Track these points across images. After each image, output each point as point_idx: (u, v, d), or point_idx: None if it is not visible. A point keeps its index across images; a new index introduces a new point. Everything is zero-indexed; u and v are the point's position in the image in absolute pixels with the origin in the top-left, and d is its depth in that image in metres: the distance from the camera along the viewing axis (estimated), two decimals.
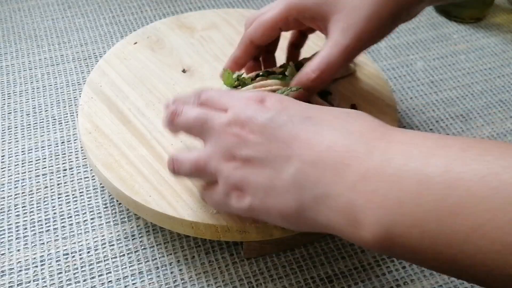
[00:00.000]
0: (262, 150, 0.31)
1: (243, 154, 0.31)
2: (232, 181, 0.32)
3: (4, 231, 0.44)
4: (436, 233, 0.23)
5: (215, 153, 0.33)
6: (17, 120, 0.54)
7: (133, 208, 0.41)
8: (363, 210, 0.26)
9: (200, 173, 0.34)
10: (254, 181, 0.31)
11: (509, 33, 0.67)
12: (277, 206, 0.30)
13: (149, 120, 0.45)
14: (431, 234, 0.24)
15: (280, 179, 0.30)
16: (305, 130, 0.30)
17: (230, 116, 0.33)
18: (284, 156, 0.30)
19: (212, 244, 0.43)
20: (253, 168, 0.31)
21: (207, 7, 0.70)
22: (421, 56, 0.63)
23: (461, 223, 0.23)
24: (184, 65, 0.51)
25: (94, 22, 0.67)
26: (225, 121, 0.33)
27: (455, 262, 0.23)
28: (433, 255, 0.24)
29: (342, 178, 0.27)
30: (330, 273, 0.42)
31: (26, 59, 0.61)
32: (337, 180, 0.27)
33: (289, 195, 0.29)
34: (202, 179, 0.37)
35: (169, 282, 0.41)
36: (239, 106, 0.33)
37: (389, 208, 0.25)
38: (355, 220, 0.26)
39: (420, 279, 0.41)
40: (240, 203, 0.32)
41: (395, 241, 0.25)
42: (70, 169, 0.49)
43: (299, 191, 0.29)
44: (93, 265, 0.42)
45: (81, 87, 0.57)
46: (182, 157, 0.35)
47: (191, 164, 0.34)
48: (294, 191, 0.29)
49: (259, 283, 0.41)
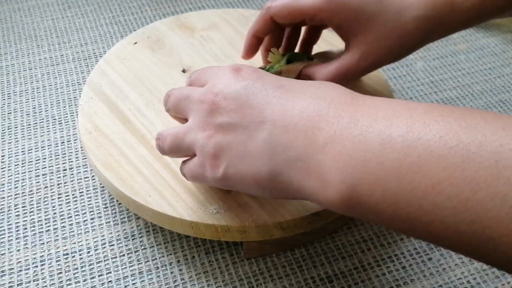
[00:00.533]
0: (235, 117, 0.31)
1: (216, 121, 0.32)
2: (206, 149, 0.32)
3: (4, 231, 0.44)
4: (396, 191, 0.24)
5: (193, 125, 0.34)
6: (17, 120, 0.54)
7: (133, 208, 0.41)
8: (330, 170, 0.26)
9: (179, 146, 0.35)
10: (227, 148, 0.31)
11: (509, 33, 0.67)
12: (251, 172, 0.31)
13: (149, 120, 0.45)
14: (392, 192, 0.24)
15: (253, 145, 0.30)
16: (278, 97, 0.30)
17: (207, 87, 0.33)
18: (257, 121, 0.30)
19: (212, 244, 0.43)
20: (227, 135, 0.31)
21: (207, 7, 0.70)
22: (421, 56, 0.63)
23: (420, 181, 0.23)
24: (184, 65, 0.51)
25: (94, 22, 0.67)
26: (202, 92, 0.33)
27: (414, 219, 0.24)
28: (394, 214, 0.25)
29: (313, 141, 0.28)
30: (330, 273, 0.42)
31: (26, 59, 0.61)
32: (308, 143, 0.28)
33: (262, 160, 0.30)
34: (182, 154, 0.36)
35: (169, 282, 0.41)
36: (216, 77, 0.34)
37: (354, 167, 0.26)
38: (323, 181, 0.27)
39: (420, 279, 0.41)
40: (214, 173, 0.32)
41: (359, 200, 0.26)
42: (70, 169, 0.49)
43: (272, 155, 0.29)
44: (93, 265, 0.42)
45: (81, 87, 0.57)
46: (165, 132, 0.36)
47: (172, 137, 0.35)
48: (267, 156, 0.30)
49: (259, 283, 0.41)
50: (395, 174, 0.24)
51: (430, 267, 0.42)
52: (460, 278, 0.42)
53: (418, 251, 0.43)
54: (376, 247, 0.44)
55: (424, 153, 0.24)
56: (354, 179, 0.26)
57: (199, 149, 0.33)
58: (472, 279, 0.42)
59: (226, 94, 0.32)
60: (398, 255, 0.43)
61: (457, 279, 0.42)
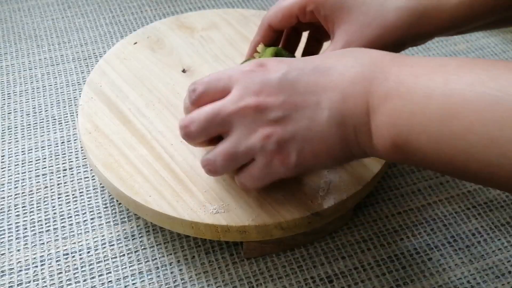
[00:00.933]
0: (287, 107, 0.32)
1: (270, 118, 0.32)
2: (268, 148, 0.32)
3: (4, 231, 0.44)
4: (439, 136, 0.27)
5: (241, 134, 0.33)
6: (17, 120, 0.54)
7: (133, 208, 0.41)
8: (386, 126, 0.30)
9: (234, 160, 0.34)
10: (291, 138, 0.32)
11: (509, 33, 0.67)
12: (325, 149, 0.32)
13: (149, 120, 0.45)
14: (435, 138, 0.28)
15: (318, 125, 0.32)
16: (321, 75, 0.32)
17: (239, 92, 0.33)
18: (313, 104, 0.32)
19: (212, 244, 0.43)
20: (286, 127, 0.32)
21: (207, 7, 0.70)
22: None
23: (456, 124, 0.27)
24: (184, 65, 0.51)
25: (94, 22, 0.67)
26: (236, 99, 0.32)
27: (454, 159, 0.27)
28: (437, 156, 0.28)
29: (369, 104, 0.31)
30: (330, 273, 0.42)
31: (26, 59, 0.61)
32: (366, 107, 0.31)
33: (332, 135, 0.32)
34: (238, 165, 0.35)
35: (169, 282, 0.41)
36: (243, 79, 0.33)
37: (404, 120, 0.29)
38: (381, 137, 0.30)
39: (420, 279, 0.41)
40: (286, 164, 0.33)
41: (409, 148, 0.29)
42: (70, 169, 0.49)
43: (341, 128, 0.32)
44: (93, 265, 0.42)
45: (81, 87, 0.57)
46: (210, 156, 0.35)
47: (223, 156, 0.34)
48: (335, 130, 0.32)
49: (259, 283, 0.41)
50: (437, 121, 0.27)
51: (430, 267, 0.42)
52: (460, 278, 0.42)
53: (418, 251, 0.43)
54: (376, 247, 0.44)
55: (458, 100, 0.27)
56: (405, 130, 0.29)
57: (259, 152, 0.33)
58: (472, 279, 0.42)
59: (268, 91, 0.32)
60: (398, 255, 0.43)
61: (457, 279, 0.42)
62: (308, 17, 0.41)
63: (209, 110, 0.34)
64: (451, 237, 0.45)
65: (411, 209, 0.47)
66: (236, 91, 0.33)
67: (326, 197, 0.39)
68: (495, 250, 0.44)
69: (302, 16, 0.41)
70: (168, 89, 0.48)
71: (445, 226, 0.45)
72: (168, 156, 0.42)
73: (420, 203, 0.47)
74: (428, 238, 0.44)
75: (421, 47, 0.64)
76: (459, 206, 0.47)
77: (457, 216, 0.46)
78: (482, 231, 0.45)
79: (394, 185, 0.49)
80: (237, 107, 0.33)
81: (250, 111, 0.32)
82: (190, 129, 0.35)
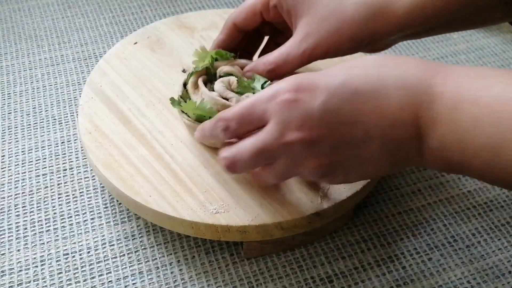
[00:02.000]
0: (333, 140, 0.31)
1: (316, 151, 0.32)
2: (317, 175, 0.33)
3: (4, 231, 0.44)
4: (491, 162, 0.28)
5: (288, 165, 0.33)
6: (17, 120, 0.54)
7: (133, 208, 0.41)
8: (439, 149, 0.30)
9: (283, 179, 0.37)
10: (339, 165, 0.32)
11: (509, 33, 0.67)
12: (373, 172, 0.33)
13: (149, 120, 0.45)
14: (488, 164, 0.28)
15: (368, 153, 0.31)
16: (364, 102, 0.31)
17: (279, 127, 0.32)
18: (360, 134, 0.31)
19: (212, 244, 0.43)
20: (334, 156, 0.32)
21: (207, 7, 0.70)
22: (421, 56, 0.63)
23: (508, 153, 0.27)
24: (184, 65, 0.51)
25: (94, 22, 0.67)
26: (278, 135, 0.32)
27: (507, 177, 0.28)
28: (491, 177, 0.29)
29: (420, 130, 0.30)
30: (330, 273, 0.42)
31: (26, 59, 0.61)
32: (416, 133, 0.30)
33: (382, 162, 0.32)
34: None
35: (169, 282, 0.41)
36: (280, 111, 0.32)
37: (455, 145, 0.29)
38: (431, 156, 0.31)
39: (420, 279, 0.41)
40: (330, 183, 0.37)
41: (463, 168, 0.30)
42: (70, 169, 0.49)
43: (393, 154, 0.32)
44: (93, 265, 0.42)
45: (81, 87, 0.57)
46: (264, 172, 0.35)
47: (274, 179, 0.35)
48: (386, 156, 0.32)
49: (259, 283, 0.41)
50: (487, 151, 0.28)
51: (430, 267, 0.42)
52: (460, 278, 0.42)
53: (418, 251, 0.43)
54: (376, 247, 0.44)
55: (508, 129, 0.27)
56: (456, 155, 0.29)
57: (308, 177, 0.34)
58: (472, 279, 0.42)
59: (309, 125, 0.31)
60: (398, 255, 0.43)
61: (457, 279, 0.42)
62: (272, 13, 0.42)
63: (252, 149, 0.33)
64: (451, 237, 0.45)
65: (411, 209, 0.47)
66: (275, 125, 0.32)
67: (326, 197, 0.39)
68: (495, 250, 0.44)
69: (266, 12, 0.42)
70: (168, 89, 0.48)
71: (445, 226, 0.45)
72: (168, 156, 0.42)
73: (420, 203, 0.47)
74: (428, 238, 0.44)
75: (421, 47, 0.64)
76: (459, 206, 0.47)
77: (457, 216, 0.46)
78: (482, 231, 0.45)
79: (394, 185, 0.49)
80: (281, 144, 0.32)
81: (294, 148, 0.32)
82: (235, 167, 0.35)
